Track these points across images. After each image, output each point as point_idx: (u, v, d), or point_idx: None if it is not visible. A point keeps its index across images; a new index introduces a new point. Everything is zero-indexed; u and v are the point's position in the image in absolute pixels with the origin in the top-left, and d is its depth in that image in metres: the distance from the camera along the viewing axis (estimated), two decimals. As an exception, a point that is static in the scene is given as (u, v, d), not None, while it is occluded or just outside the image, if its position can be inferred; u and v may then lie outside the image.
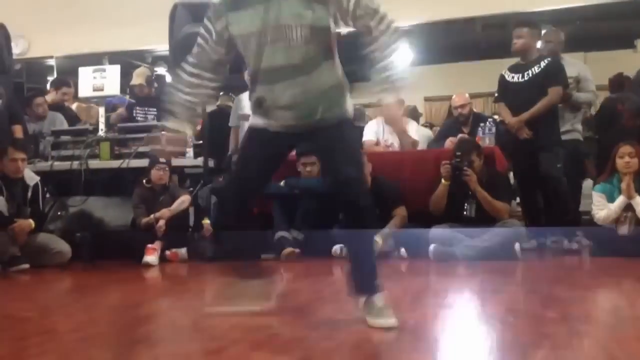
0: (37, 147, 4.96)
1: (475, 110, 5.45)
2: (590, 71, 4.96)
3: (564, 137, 4.66)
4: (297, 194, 4.51)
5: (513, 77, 4.59)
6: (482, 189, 4.08)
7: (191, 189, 4.92)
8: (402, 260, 4.16)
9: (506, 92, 4.64)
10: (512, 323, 2.18)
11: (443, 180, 4.16)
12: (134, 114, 5.41)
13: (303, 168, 4.59)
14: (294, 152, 4.80)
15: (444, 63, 9.54)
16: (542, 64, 4.48)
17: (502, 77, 4.70)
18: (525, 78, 4.52)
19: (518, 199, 5.07)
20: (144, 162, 4.64)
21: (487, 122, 4.62)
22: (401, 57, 2.19)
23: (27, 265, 4.11)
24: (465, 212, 4.15)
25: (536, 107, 4.42)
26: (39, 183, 4.40)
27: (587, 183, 5.16)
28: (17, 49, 6.26)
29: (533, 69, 4.50)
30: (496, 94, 4.80)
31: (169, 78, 6.62)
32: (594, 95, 4.93)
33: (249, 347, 2.00)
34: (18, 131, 4.60)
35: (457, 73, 9.15)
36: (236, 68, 5.31)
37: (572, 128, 4.69)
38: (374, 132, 5.05)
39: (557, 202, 4.44)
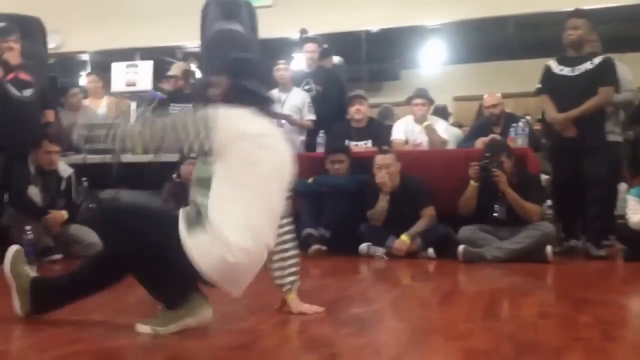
0: (70, 140, 5.04)
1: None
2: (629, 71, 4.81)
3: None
4: (325, 191, 4.50)
5: (562, 70, 4.35)
6: (513, 190, 4.02)
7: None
8: (430, 260, 4.13)
9: (552, 85, 4.39)
10: (544, 326, 2.15)
11: (472, 182, 4.11)
12: (170, 111, 5.46)
13: (331, 166, 4.59)
14: (322, 150, 4.81)
15: (475, 62, 9.43)
16: (596, 60, 4.24)
17: (548, 69, 4.45)
18: (576, 73, 4.28)
19: (549, 202, 4.98)
20: (174, 157, 4.68)
21: (520, 123, 4.53)
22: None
23: (59, 256, 4.18)
24: (495, 214, 4.10)
25: (585, 106, 4.19)
26: (72, 175, 4.48)
27: (622, 187, 5.04)
28: (52, 43, 6.35)
29: (585, 64, 4.26)
30: (539, 86, 4.52)
31: (199, 74, 6.67)
32: (634, 95, 4.76)
33: (277, 342, 2.01)
34: (50, 115, 4.68)
35: (487, 73, 9.03)
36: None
37: (612, 130, 4.53)
38: (402, 130, 5.01)
39: (596, 206, 4.25)
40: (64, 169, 4.46)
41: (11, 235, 4.22)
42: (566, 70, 4.34)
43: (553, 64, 4.43)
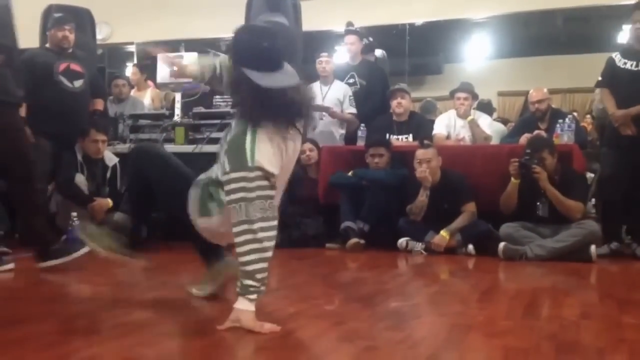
0: (116, 130, 5.16)
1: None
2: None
3: None
4: (365, 185, 4.49)
5: (625, 63, 4.19)
6: (554, 188, 3.93)
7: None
8: (470, 257, 4.08)
9: (614, 79, 4.25)
10: (586, 326, 2.10)
11: (512, 179, 4.05)
12: (214, 102, 5.52)
13: (371, 159, 4.57)
14: (363, 143, 4.80)
15: (520, 57, 9.25)
16: None
17: (611, 61, 4.30)
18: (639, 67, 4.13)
19: (593, 200, 4.85)
20: (216, 148, 4.73)
21: (567, 119, 4.41)
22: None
23: (104, 242, 4.29)
24: (537, 212, 4.02)
25: None
26: (118, 164, 4.58)
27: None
28: (101, 34, 6.51)
29: None
30: (600, 78, 4.38)
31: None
32: None
33: (314, 333, 2.02)
34: (99, 104, 4.80)
35: (533, 68, 8.86)
36: (310, 57, 5.38)
37: None
38: (444, 125, 4.95)
39: None
40: (110, 158, 4.57)
41: (57, 221, 4.36)
42: (631, 64, 4.18)
43: (617, 57, 4.27)
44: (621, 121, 4.14)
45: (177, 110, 5.08)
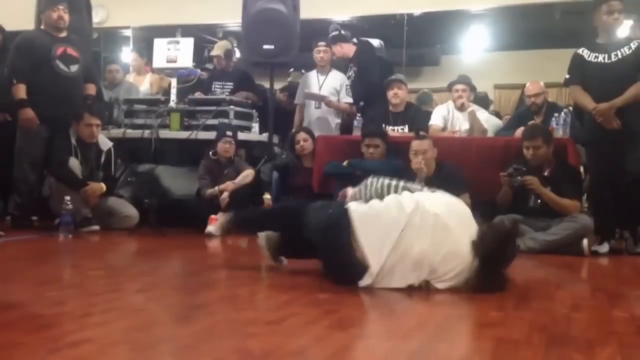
0: (111, 114, 5.14)
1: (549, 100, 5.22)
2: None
3: None
4: (360, 175, 4.48)
5: (596, 57, 4.07)
6: (547, 185, 3.93)
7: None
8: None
9: (585, 74, 4.11)
10: (577, 318, 2.11)
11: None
12: (212, 88, 5.50)
13: (366, 149, 4.56)
14: (359, 133, 4.79)
15: (518, 50, 9.23)
16: (633, 45, 3.97)
17: (578, 57, 4.17)
18: (613, 59, 4.00)
19: (586, 195, 4.86)
20: (211, 135, 4.73)
21: (562, 113, 4.41)
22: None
23: (97, 227, 4.29)
24: (529, 203, 4.04)
25: (630, 93, 3.89)
26: (112, 149, 4.56)
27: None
28: (97, 18, 6.45)
29: (622, 49, 3.98)
30: (567, 76, 4.23)
31: (238, 54, 6.70)
32: None
33: (306, 320, 2.02)
34: (91, 89, 4.75)
35: (530, 61, 8.84)
36: (306, 46, 5.35)
37: None
38: (442, 116, 4.93)
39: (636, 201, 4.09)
40: (104, 142, 4.55)
41: (51, 205, 4.35)
42: (602, 58, 4.06)
43: (584, 52, 4.15)
44: (606, 115, 3.94)
45: (173, 96, 5.07)
